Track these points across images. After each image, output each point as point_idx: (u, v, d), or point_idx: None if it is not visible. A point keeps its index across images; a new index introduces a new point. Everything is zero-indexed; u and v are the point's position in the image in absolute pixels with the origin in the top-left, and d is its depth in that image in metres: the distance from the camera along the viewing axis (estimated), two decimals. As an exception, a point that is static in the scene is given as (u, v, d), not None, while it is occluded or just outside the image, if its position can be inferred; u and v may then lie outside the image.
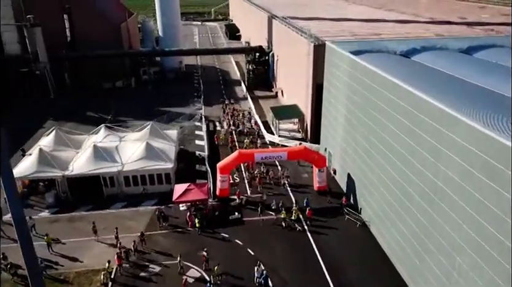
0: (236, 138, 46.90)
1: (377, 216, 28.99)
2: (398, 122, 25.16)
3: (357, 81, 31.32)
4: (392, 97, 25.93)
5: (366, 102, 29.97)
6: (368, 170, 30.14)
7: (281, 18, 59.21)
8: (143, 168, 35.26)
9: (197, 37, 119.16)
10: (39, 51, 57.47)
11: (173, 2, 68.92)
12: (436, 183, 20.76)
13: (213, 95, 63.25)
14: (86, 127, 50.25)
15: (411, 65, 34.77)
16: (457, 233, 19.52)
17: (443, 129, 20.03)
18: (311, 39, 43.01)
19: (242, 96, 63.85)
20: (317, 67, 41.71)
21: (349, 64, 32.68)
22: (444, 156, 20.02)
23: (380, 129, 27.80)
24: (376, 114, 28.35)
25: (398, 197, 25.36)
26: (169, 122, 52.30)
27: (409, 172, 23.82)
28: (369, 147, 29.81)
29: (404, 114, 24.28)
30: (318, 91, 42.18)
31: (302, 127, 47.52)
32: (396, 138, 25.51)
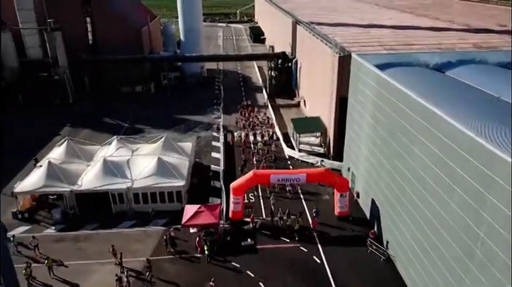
0: (251, 139, 48.25)
1: (403, 252, 26.11)
2: (429, 151, 22.26)
3: (384, 100, 28.49)
4: (423, 122, 23.07)
5: (393, 124, 27.14)
6: (393, 198, 27.29)
7: (305, 24, 56.53)
8: (153, 185, 33.51)
9: (222, 40, 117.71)
10: (59, 55, 56.92)
11: (195, 7, 67.37)
12: (478, 233, 17.82)
13: (233, 102, 61.13)
14: (101, 136, 49.36)
15: (446, 81, 31.65)
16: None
17: (488, 170, 17.11)
18: (336, 49, 40.28)
19: (262, 104, 61.56)
20: (342, 79, 39.00)
21: (376, 80, 29.86)
22: (489, 203, 17.09)
23: (408, 155, 24.93)
24: (403, 138, 25.49)
25: (430, 237, 22.45)
26: (186, 132, 50.73)
27: (443, 212, 20.90)
28: (395, 174, 26.96)
29: (437, 144, 21.38)
30: (342, 105, 39.47)
31: (324, 142, 44.81)
32: (427, 170, 22.62)
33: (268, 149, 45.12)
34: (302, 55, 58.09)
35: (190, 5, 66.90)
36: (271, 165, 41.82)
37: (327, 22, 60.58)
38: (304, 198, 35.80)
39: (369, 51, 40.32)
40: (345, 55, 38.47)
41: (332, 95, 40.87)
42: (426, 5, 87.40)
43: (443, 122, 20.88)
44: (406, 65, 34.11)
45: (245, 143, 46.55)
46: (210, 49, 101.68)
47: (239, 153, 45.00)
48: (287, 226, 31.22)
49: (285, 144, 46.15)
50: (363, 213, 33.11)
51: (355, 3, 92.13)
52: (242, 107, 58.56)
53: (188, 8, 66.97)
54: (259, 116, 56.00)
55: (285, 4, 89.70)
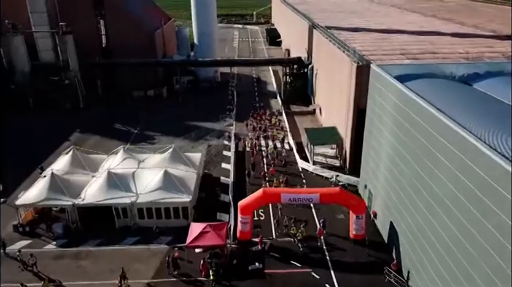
0: (262, 143, 48.04)
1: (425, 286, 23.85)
2: (455, 178, 19.99)
3: (405, 117, 26.22)
4: (449, 146, 20.81)
5: (415, 144, 24.87)
6: (414, 225, 25.02)
7: (322, 28, 54.31)
8: (158, 200, 31.92)
9: (237, 42, 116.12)
10: (70, 59, 56.07)
11: (209, 9, 65.83)
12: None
13: (246, 109, 59.22)
14: (110, 142, 48.38)
15: (473, 96, 29.05)
16: None
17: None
18: (354, 58, 38.02)
19: (276, 111, 59.54)
20: (360, 89, 36.76)
21: (396, 94, 27.59)
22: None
23: (432, 180, 22.65)
24: (427, 161, 23.21)
25: (455, 274, 20.19)
26: (197, 140, 49.19)
27: (469, 246, 18.66)
28: (417, 198, 24.69)
29: (465, 171, 19.13)
30: (359, 116, 37.25)
31: (340, 154, 42.59)
32: (452, 197, 20.36)
33: (277, 153, 44.59)
34: (318, 61, 55.89)
35: (203, 8, 65.39)
36: (280, 169, 41.34)
37: (345, 26, 58.28)
38: (314, 207, 34.30)
39: (389, 61, 38.02)
40: (364, 64, 36.21)
41: (349, 106, 38.65)
42: (449, 7, 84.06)
43: (472, 148, 18.63)
44: (430, 77, 31.66)
45: (255, 146, 46.39)
46: (225, 52, 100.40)
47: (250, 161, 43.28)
48: (291, 234, 30.58)
49: (299, 155, 44.08)
50: (380, 236, 30.85)
51: (374, 5, 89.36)
52: (254, 109, 58.14)
53: (201, 11, 65.49)
54: (273, 119, 55.06)
55: (301, 6, 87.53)
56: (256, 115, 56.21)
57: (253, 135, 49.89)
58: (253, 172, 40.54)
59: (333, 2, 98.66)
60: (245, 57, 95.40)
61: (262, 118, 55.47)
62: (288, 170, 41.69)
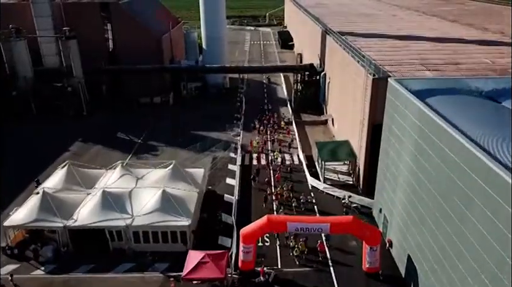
0: (269, 147, 47.77)
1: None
2: (489, 222, 17.13)
3: (426, 140, 23.36)
4: (476, 179, 17.97)
5: (436, 171, 22.04)
6: (437, 264, 22.14)
7: (336, 34, 51.42)
8: (155, 223, 29.60)
9: (248, 45, 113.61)
10: (73, 65, 54.30)
11: (218, 13, 63.48)
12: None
13: (255, 117, 56.62)
14: (112, 153, 46.50)
15: (503, 115, 26.02)
16: None
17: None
18: (370, 69, 35.12)
19: (286, 120, 56.79)
20: (376, 105, 33.87)
21: (416, 114, 24.69)
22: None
23: (459, 218, 19.78)
24: (454, 197, 20.32)
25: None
26: (202, 151, 46.83)
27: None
28: (438, 233, 21.83)
29: (497, 212, 16.30)
30: (375, 133, 34.37)
31: (353, 171, 39.71)
32: (483, 242, 17.51)
33: (283, 160, 44.27)
34: (331, 69, 52.99)
35: (212, 12, 63.04)
36: (286, 175, 40.95)
37: (360, 32, 55.27)
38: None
39: (408, 73, 35.06)
40: (380, 77, 33.31)
41: (363, 120, 35.79)
42: (471, 11, 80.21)
43: (505, 186, 15.78)
44: (454, 93, 28.70)
45: (262, 150, 46.23)
46: (235, 56, 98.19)
47: (258, 197, 39.65)
48: (290, 248, 29.60)
49: (309, 170, 41.34)
50: (396, 268, 27.97)
51: (391, 9, 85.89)
52: (262, 112, 57.82)
53: (210, 15, 63.15)
54: (282, 122, 54.44)
55: (315, 9, 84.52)
56: (264, 118, 55.34)
57: (260, 139, 48.93)
58: (258, 177, 39.96)
59: (347, 5, 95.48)
60: (256, 61, 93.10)
61: (270, 121, 54.38)
62: (294, 178, 39.65)
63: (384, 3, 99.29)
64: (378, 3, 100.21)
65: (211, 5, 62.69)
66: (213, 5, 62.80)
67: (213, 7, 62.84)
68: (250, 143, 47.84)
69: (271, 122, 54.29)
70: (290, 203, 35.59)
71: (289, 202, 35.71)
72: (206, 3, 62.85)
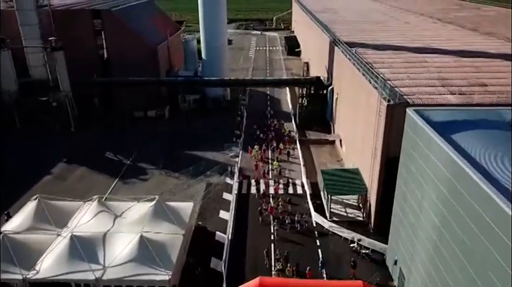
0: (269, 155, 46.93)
1: None
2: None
3: (456, 196, 18.63)
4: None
5: (466, 233, 17.42)
6: None
7: (344, 46, 46.74)
8: (129, 277, 25.24)
9: (254, 51, 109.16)
10: (60, 78, 50.34)
11: (218, 22, 59.08)
12: None
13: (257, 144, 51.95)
14: (97, 177, 42.63)
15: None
16: None
17: None
18: (384, 92, 30.43)
19: (291, 137, 52.21)
20: (390, 134, 29.23)
21: (444, 161, 19.94)
22: None
23: None
24: (483, 264, 15.69)
25: None
26: (196, 176, 42.46)
27: None
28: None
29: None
30: (389, 166, 29.73)
31: (364, 205, 35.00)
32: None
33: (280, 171, 43.39)
34: (340, 84, 48.27)
35: (212, 20, 58.61)
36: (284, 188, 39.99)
37: (371, 42, 50.53)
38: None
39: (428, 97, 30.34)
40: (396, 104, 28.63)
41: (376, 151, 31.11)
42: (489, 18, 74.94)
43: None
44: (486, 127, 23.91)
45: (261, 159, 45.65)
46: (240, 63, 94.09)
47: (254, 207, 36.36)
48: (276, 271, 28.48)
49: (313, 202, 36.71)
50: None
51: (403, 15, 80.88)
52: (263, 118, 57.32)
53: (210, 23, 58.72)
54: (285, 131, 53.28)
55: (322, 14, 79.87)
56: (264, 126, 54.52)
57: (259, 148, 47.29)
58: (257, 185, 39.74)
59: (356, 10, 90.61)
60: (261, 68, 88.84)
61: (270, 128, 53.55)
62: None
63: (394, 8, 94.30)
64: (389, 9, 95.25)
65: (211, 13, 58.28)
66: (214, 13, 58.40)
67: (213, 15, 58.44)
68: (250, 151, 47.02)
69: (271, 128, 53.27)
70: (284, 220, 34.33)
71: (283, 219, 34.46)
72: (206, 11, 58.48)
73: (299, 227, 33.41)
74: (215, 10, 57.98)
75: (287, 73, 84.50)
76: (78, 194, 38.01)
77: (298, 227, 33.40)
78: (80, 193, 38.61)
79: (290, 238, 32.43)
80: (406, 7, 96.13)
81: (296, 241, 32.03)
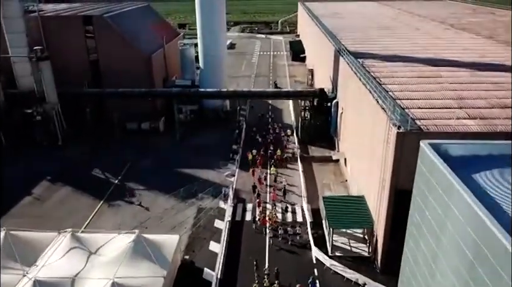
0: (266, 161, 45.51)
1: None
2: None
3: (482, 259, 15.00)
4: None
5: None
6: None
7: (350, 56, 43.14)
8: (97, 333, 21.95)
9: (257, 56, 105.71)
10: (46, 90, 47.30)
11: (217, 29, 55.78)
12: None
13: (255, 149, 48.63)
14: (81, 199, 39.75)
15: None
16: None
17: None
18: (394, 117, 26.76)
19: (291, 153, 48.71)
20: (400, 165, 25.62)
21: (468, 217, 16.19)
22: None
23: None
24: None
25: None
26: (187, 199, 39.12)
27: None
28: None
29: None
30: (400, 199, 26.14)
31: (370, 239, 31.35)
32: None
33: (275, 178, 42.44)
34: (345, 98, 44.63)
35: (210, 27, 55.27)
36: (279, 196, 39.26)
37: (379, 52, 46.87)
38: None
39: (443, 122, 26.67)
40: (408, 132, 24.99)
41: (384, 182, 27.48)
42: (506, 23, 70.53)
43: None
44: None
45: (259, 163, 44.79)
46: (242, 69, 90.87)
47: (248, 237, 32.97)
48: None
49: (313, 232, 33.16)
50: None
51: (414, 20, 76.96)
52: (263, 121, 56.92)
53: (208, 30, 55.40)
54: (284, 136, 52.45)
55: (328, 19, 76.30)
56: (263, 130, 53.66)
57: (257, 153, 46.55)
58: (254, 194, 39.09)
59: (364, 15, 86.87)
60: (264, 75, 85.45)
61: (270, 132, 53.02)
62: (296, 259, 31.23)
63: (404, 13, 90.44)
64: (398, 13, 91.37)
65: (209, 20, 54.98)
66: (212, 20, 55.06)
67: (211, 22, 55.11)
68: (247, 155, 46.32)
69: (270, 132, 52.90)
70: (277, 231, 33.44)
71: (276, 230, 33.51)
72: (204, 18, 55.21)
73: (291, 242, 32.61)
74: (214, 16, 54.66)
75: (290, 81, 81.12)
76: (57, 220, 35.47)
77: (289, 243, 32.57)
78: (59, 218, 35.97)
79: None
80: (416, 11, 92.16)
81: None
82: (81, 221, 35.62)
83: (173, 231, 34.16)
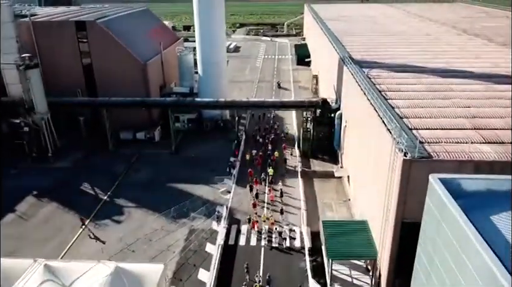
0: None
1: None
2: None
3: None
4: None
5: None
6: None
7: (355, 66, 40.37)
8: None
9: (262, 59, 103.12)
10: (35, 99, 45.14)
11: (216, 34, 53.31)
12: None
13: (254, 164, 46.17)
14: (65, 217, 37.78)
15: None
16: None
17: None
18: (400, 141, 23.88)
19: (292, 167, 46.13)
20: (407, 195, 22.88)
21: (488, 276, 13.59)
22: None
23: None
24: None
25: None
26: (178, 218, 36.68)
27: None
28: None
29: None
30: (406, 232, 23.46)
31: (373, 270, 28.60)
32: None
33: (272, 178, 42.52)
34: (348, 111, 41.87)
35: (209, 33, 52.83)
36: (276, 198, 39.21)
37: (386, 61, 44.03)
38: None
39: (457, 146, 23.84)
40: (415, 160, 22.20)
41: (388, 214, 24.72)
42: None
43: None
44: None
45: (259, 163, 45.50)
46: (245, 73, 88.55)
47: (240, 268, 30.37)
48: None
49: (312, 259, 30.51)
50: None
51: (424, 24, 73.84)
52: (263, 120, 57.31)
53: (207, 35, 52.93)
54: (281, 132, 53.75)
55: (334, 23, 73.58)
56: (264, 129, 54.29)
57: (256, 153, 47.12)
58: (253, 194, 39.71)
59: (372, 18, 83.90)
60: (267, 80, 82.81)
61: (271, 132, 53.59)
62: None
63: (413, 16, 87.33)
64: (407, 16, 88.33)
65: (207, 25, 52.51)
66: (210, 26, 52.57)
67: (210, 27, 52.64)
68: (245, 155, 47.12)
69: (271, 131, 53.52)
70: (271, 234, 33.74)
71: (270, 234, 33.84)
72: (202, 24, 52.77)
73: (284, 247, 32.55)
74: (212, 22, 52.23)
75: (294, 86, 78.44)
76: (37, 243, 33.42)
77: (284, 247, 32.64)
78: (40, 241, 33.87)
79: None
80: (426, 14, 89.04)
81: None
82: (63, 245, 33.39)
83: (161, 256, 31.97)
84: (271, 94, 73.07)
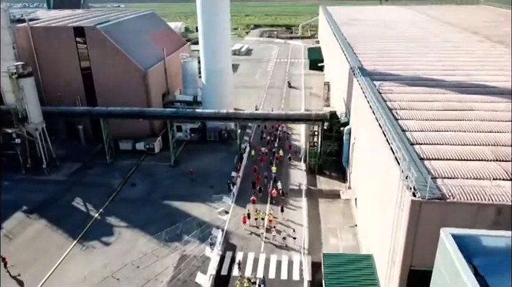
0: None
1: None
2: None
3: None
4: None
5: None
6: None
7: (364, 79, 37.13)
8: None
9: (274, 63, 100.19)
10: (28, 109, 43.34)
11: (221, 40, 50.71)
12: None
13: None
14: (53, 238, 36.18)
15: None
16: None
17: None
18: (409, 178, 20.61)
19: (297, 184, 43.26)
20: (415, 240, 19.78)
21: None
22: None
23: None
24: None
25: None
26: (170, 241, 34.23)
27: None
28: None
29: None
30: (414, 279, 20.41)
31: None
32: None
33: (275, 177, 42.85)
34: (357, 127, 38.67)
35: (213, 40, 50.24)
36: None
37: (401, 73, 40.62)
38: None
39: (476, 182, 20.54)
40: (424, 201, 19.04)
41: (394, 257, 21.62)
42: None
43: None
44: None
45: (262, 159, 46.97)
46: (256, 78, 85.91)
47: None
48: None
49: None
50: None
51: (443, 29, 69.72)
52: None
53: (211, 43, 50.37)
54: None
55: (347, 27, 70.09)
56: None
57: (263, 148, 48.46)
58: (254, 189, 40.50)
59: (386, 22, 79.92)
60: (277, 86, 79.85)
61: (278, 129, 55.05)
62: None
63: (432, 19, 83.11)
64: (426, 19, 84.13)
65: (212, 31, 49.93)
66: (215, 32, 50.00)
67: (214, 33, 50.05)
68: (249, 154, 48.40)
69: (279, 129, 54.98)
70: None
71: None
72: (205, 29, 50.26)
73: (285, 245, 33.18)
74: (216, 29, 49.60)
75: (305, 93, 75.37)
76: (18, 268, 31.18)
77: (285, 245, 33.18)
78: (21, 265, 31.79)
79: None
80: (445, 17, 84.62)
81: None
82: (45, 269, 31.27)
83: (147, 286, 29.50)
84: (280, 101, 70.20)
